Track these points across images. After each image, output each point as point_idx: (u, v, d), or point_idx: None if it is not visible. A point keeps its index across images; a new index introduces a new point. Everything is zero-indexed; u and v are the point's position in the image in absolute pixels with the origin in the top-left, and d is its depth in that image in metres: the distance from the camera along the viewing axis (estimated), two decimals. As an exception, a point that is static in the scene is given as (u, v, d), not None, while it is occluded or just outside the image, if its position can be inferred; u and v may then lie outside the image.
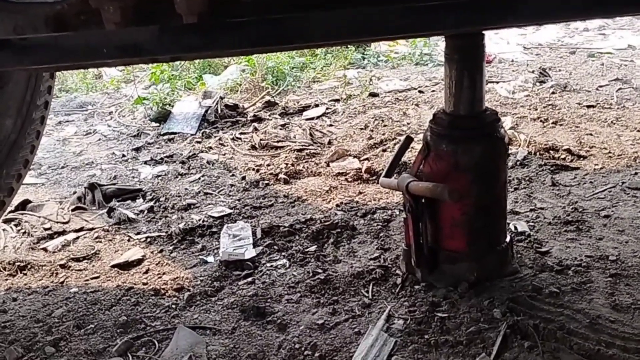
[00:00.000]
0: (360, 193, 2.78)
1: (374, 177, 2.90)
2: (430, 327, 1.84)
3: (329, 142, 3.40)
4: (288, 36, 1.51)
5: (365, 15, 1.50)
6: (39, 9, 1.59)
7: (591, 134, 3.24)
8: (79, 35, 1.53)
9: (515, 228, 2.33)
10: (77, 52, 1.50)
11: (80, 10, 1.60)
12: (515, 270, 2.08)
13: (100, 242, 2.49)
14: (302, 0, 1.54)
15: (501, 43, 5.19)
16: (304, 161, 3.17)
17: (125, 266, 2.29)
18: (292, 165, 3.10)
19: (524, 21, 1.74)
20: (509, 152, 3.06)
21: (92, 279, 2.23)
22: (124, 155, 3.44)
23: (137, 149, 3.51)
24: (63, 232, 2.56)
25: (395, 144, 3.22)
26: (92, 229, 2.58)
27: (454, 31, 1.78)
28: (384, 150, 3.22)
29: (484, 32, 1.90)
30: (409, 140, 2.18)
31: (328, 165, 3.10)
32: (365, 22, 1.51)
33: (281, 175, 2.99)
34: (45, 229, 2.58)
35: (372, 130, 3.48)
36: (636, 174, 2.71)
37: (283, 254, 2.30)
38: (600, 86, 4.05)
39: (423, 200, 1.97)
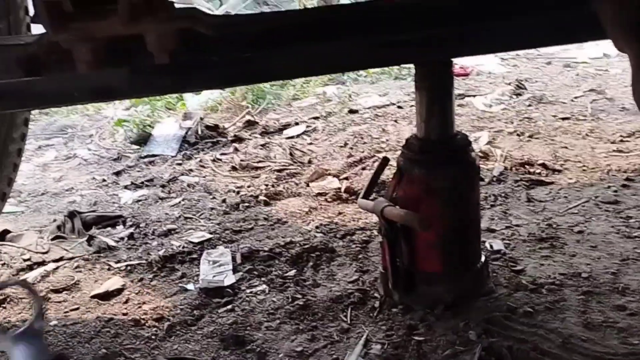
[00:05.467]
0: (339, 213, 2.81)
1: (353, 197, 2.93)
2: (407, 351, 1.86)
3: (309, 161, 3.42)
4: (256, 74, 1.55)
5: (330, 51, 1.53)
6: (11, 51, 1.61)
7: (566, 147, 3.29)
8: (51, 80, 1.54)
9: (491, 247, 2.37)
10: (49, 96, 1.53)
11: (51, 50, 1.63)
12: (490, 289, 2.12)
13: (80, 271, 2.49)
14: (271, 36, 1.58)
15: (479, 55, 5.25)
16: (284, 181, 3.19)
17: (105, 296, 2.29)
18: (272, 186, 3.12)
19: (488, 51, 1.79)
20: (487, 167, 3.12)
21: (71, 310, 2.23)
22: (104, 180, 3.44)
23: (118, 173, 3.52)
24: (42, 263, 2.56)
25: (374, 162, 3.26)
26: (72, 258, 2.58)
27: (420, 61, 1.82)
28: (364, 169, 3.25)
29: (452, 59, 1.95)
30: (385, 161, 2.22)
31: (308, 185, 3.13)
32: (330, 58, 1.55)
33: (261, 197, 3.01)
34: (25, 260, 2.58)
35: (352, 148, 3.52)
36: (609, 187, 2.76)
37: (263, 279, 2.31)
38: (576, 97, 4.12)
39: (398, 224, 2.01)
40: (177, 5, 1.57)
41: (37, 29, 1.85)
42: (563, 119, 3.71)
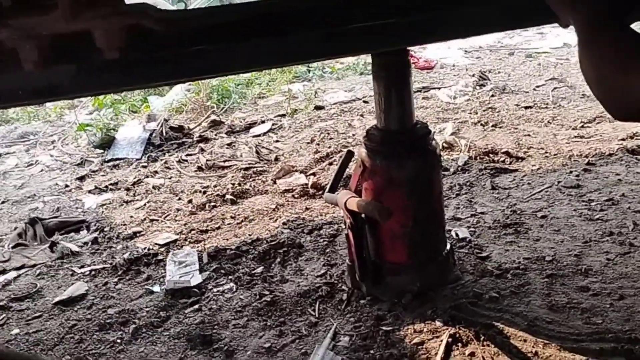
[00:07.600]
0: (306, 209, 2.80)
1: (320, 192, 2.92)
2: (375, 341, 1.86)
3: (276, 159, 3.41)
4: (209, 67, 1.52)
5: (286, 42, 1.52)
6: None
7: (529, 135, 3.34)
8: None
9: (457, 235, 2.38)
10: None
11: (-5, 49, 1.58)
12: (457, 277, 2.13)
13: (43, 278, 2.43)
14: (223, 29, 1.56)
15: (442, 48, 5.29)
16: (250, 180, 3.17)
17: (69, 302, 2.24)
18: (239, 184, 3.10)
19: (444, 39, 1.79)
20: (452, 157, 3.14)
21: (34, 318, 2.17)
22: (67, 186, 3.37)
23: (81, 178, 3.45)
24: (3, 271, 2.49)
25: (341, 157, 3.25)
26: (34, 265, 2.52)
27: (376, 51, 1.81)
28: (330, 164, 3.24)
29: (408, 48, 1.95)
30: (350, 154, 2.21)
31: (274, 182, 3.11)
32: (285, 49, 1.53)
33: (228, 196, 2.98)
34: (-15, 270, 2.52)
35: (318, 144, 3.51)
36: (571, 172, 2.80)
37: (230, 277, 2.29)
38: (538, 86, 4.18)
39: (363, 215, 2.00)
40: (127, 1, 1.54)
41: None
42: (526, 107, 3.76)
